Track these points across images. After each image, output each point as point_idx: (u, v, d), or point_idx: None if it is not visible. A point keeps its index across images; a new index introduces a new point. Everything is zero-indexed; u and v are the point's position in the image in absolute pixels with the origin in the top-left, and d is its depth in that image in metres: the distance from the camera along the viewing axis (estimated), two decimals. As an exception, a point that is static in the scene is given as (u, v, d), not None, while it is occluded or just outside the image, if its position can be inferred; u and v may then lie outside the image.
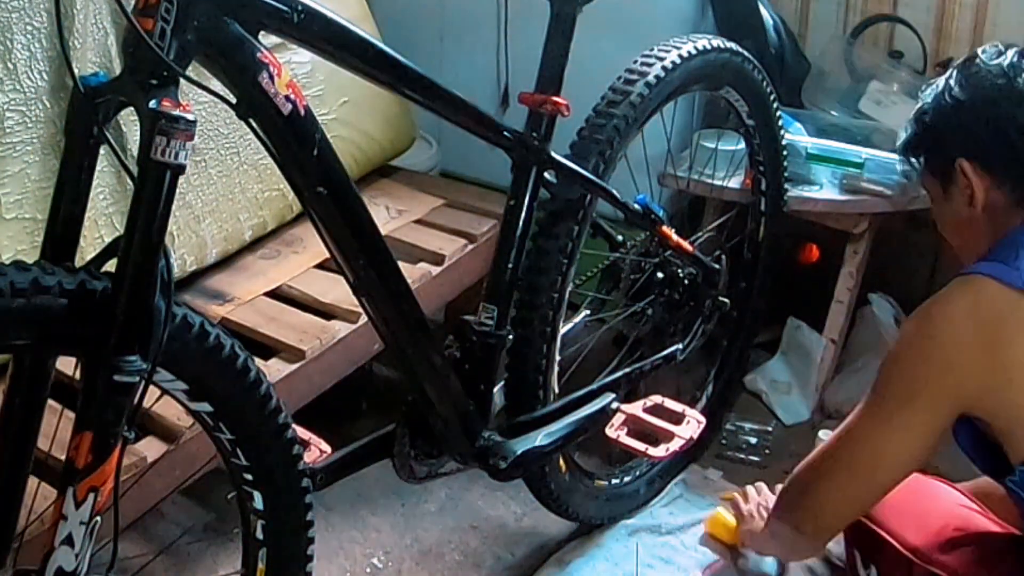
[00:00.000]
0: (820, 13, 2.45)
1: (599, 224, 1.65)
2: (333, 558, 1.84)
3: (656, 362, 1.81)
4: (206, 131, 1.78)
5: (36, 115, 1.50)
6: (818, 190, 2.12)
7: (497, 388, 1.57)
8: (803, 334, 2.32)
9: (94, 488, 0.95)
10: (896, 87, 2.21)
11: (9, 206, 1.48)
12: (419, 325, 1.33)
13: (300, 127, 1.08)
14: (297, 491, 1.21)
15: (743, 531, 1.74)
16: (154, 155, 0.90)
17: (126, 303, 0.93)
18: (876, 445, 1.22)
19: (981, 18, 2.27)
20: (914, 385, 1.20)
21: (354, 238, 1.21)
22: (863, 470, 1.25)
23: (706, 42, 1.69)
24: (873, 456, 1.23)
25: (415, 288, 1.41)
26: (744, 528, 1.73)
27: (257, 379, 1.11)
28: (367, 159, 2.21)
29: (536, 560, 1.88)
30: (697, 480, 2.08)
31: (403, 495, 2.00)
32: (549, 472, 1.71)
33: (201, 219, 1.79)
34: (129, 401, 0.95)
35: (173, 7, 0.92)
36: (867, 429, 1.23)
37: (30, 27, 1.48)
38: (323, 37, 1.11)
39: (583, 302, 1.81)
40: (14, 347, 0.95)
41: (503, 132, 1.44)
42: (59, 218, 1.01)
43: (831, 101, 2.28)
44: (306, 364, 1.69)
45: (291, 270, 1.91)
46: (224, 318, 1.74)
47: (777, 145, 1.97)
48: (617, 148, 1.56)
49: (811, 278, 2.31)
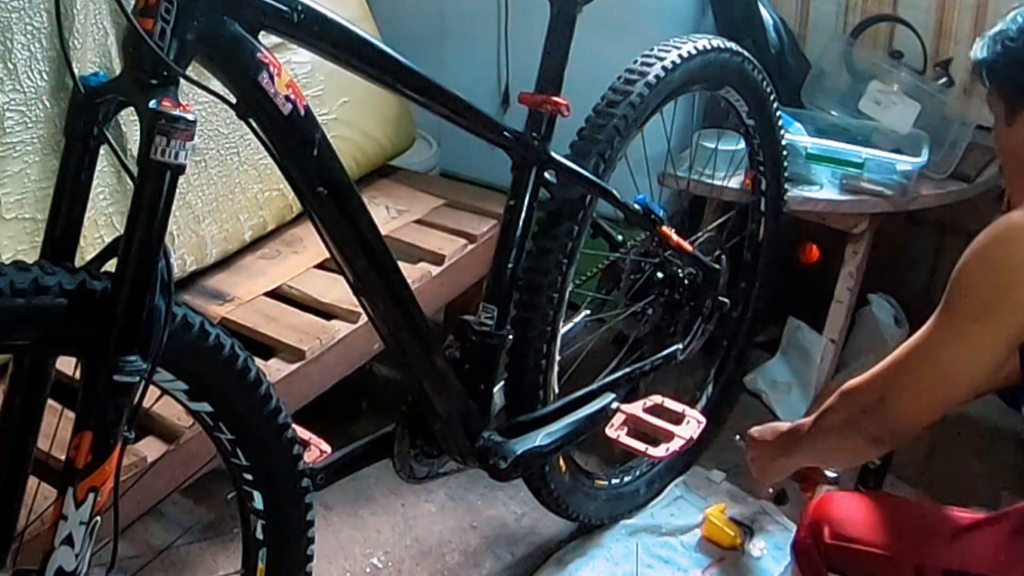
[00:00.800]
0: (820, 13, 2.45)
1: (599, 224, 1.65)
2: (333, 558, 1.84)
3: (656, 362, 1.81)
4: (206, 131, 1.78)
5: (36, 115, 1.50)
6: (818, 190, 2.12)
7: (497, 388, 1.57)
8: (803, 334, 2.32)
9: (94, 488, 0.95)
10: (896, 87, 2.21)
11: (9, 206, 1.48)
12: (419, 325, 1.33)
13: (300, 127, 1.08)
14: (297, 491, 1.21)
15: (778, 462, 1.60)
16: (154, 155, 0.90)
17: (126, 303, 0.93)
18: (949, 358, 1.23)
19: (981, 18, 2.27)
20: (987, 301, 1.19)
21: (354, 238, 1.21)
22: (938, 380, 1.25)
23: (706, 42, 1.69)
24: (947, 368, 1.23)
25: (415, 288, 1.41)
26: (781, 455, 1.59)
27: (257, 379, 1.11)
28: (367, 159, 2.21)
29: (536, 560, 1.88)
30: (698, 481, 2.08)
31: (403, 495, 2.00)
32: (549, 472, 1.71)
33: (201, 219, 1.79)
34: (129, 401, 0.95)
35: (173, 7, 0.92)
36: (939, 343, 1.24)
37: (30, 27, 1.48)
38: (323, 37, 1.11)
39: (583, 302, 1.81)
40: (14, 347, 0.95)
41: (503, 132, 1.44)
42: (59, 218, 1.01)
43: (831, 101, 2.28)
44: (306, 364, 1.69)
45: (291, 270, 1.91)
46: (224, 318, 1.74)
47: (777, 145, 1.97)
48: (617, 148, 1.56)
49: (811, 278, 2.32)
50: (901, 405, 1.27)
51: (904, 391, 1.27)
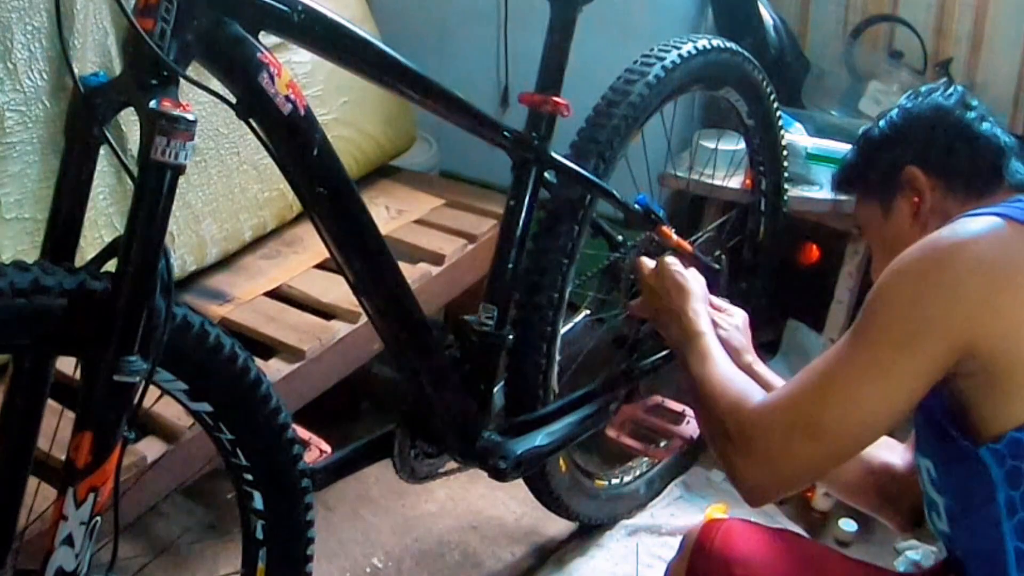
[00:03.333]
0: (820, 13, 2.45)
1: (599, 224, 1.65)
2: (333, 558, 1.84)
3: (656, 362, 1.81)
4: (206, 131, 1.78)
5: (36, 115, 1.50)
6: (818, 190, 2.12)
7: (497, 388, 1.57)
8: (803, 334, 2.32)
9: (94, 488, 0.95)
10: (896, 87, 2.21)
11: (9, 206, 1.48)
12: (419, 325, 1.33)
13: (300, 127, 1.08)
14: (297, 491, 1.21)
15: None
16: (154, 155, 0.91)
17: (126, 303, 0.93)
18: (867, 395, 1.03)
19: (981, 18, 2.28)
20: (918, 323, 1.01)
21: (354, 238, 1.21)
22: (852, 423, 1.05)
23: (706, 42, 1.69)
24: (865, 408, 1.04)
25: (415, 288, 1.41)
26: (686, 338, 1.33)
27: (257, 379, 1.11)
28: (367, 159, 2.21)
29: (536, 560, 1.88)
30: (698, 481, 2.08)
31: (403, 495, 2.00)
32: (549, 472, 1.71)
33: (201, 219, 1.79)
34: (129, 401, 0.95)
35: (173, 7, 0.92)
36: (847, 381, 1.04)
37: (30, 27, 1.48)
38: (323, 37, 1.11)
39: (583, 302, 1.81)
40: (14, 347, 0.95)
41: (503, 132, 1.44)
42: (59, 218, 1.01)
43: (831, 101, 2.29)
44: (306, 364, 1.69)
45: (291, 270, 1.91)
46: (224, 318, 1.74)
47: (777, 145, 1.97)
48: (617, 148, 1.56)
49: (811, 278, 2.32)
50: (799, 452, 1.05)
51: (806, 435, 1.05)
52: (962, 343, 1.00)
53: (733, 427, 1.11)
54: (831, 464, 1.10)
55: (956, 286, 1.01)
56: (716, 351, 1.28)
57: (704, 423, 1.23)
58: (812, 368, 1.09)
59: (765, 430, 1.08)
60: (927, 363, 1.01)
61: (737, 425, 1.11)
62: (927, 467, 1.13)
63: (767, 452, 1.08)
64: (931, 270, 1.02)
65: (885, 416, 1.04)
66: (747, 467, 1.09)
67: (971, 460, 1.03)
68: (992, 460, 1.01)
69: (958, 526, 1.10)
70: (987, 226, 1.03)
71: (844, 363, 1.05)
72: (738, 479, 1.11)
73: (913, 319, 1.02)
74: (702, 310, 1.39)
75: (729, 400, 1.15)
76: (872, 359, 1.03)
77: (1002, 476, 1.01)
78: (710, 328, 1.34)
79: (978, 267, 1.01)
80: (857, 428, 1.05)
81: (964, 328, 1.00)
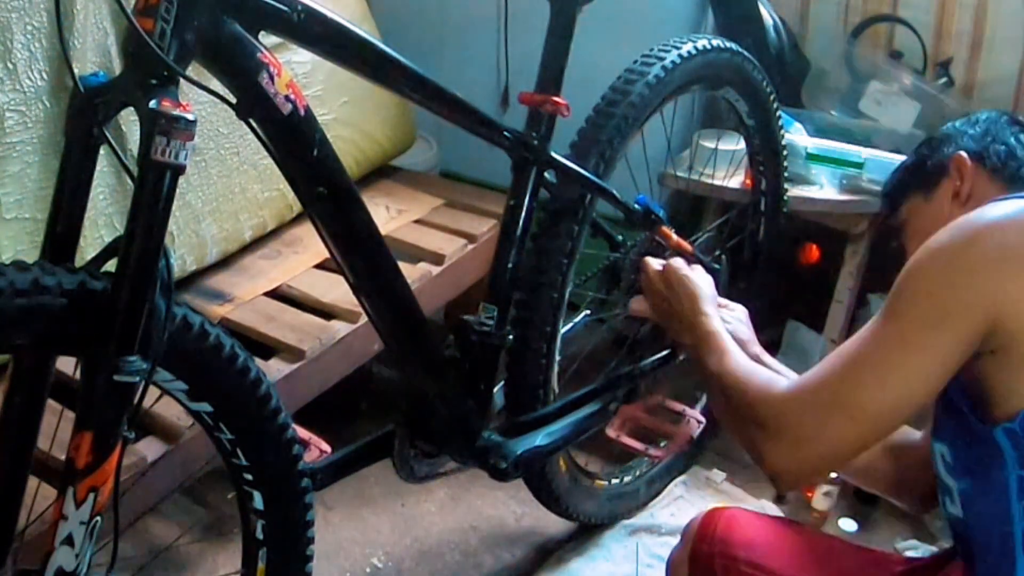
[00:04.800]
0: (820, 13, 2.45)
1: (599, 224, 1.65)
2: (333, 558, 1.84)
3: (656, 362, 1.81)
4: (206, 131, 1.78)
5: (36, 115, 1.50)
6: (818, 190, 2.12)
7: (497, 388, 1.57)
8: (803, 335, 2.32)
9: (94, 488, 0.95)
10: (896, 87, 2.21)
11: (9, 206, 1.48)
12: (419, 325, 1.33)
13: (300, 127, 1.08)
14: (297, 491, 1.21)
15: None
16: (154, 155, 0.90)
17: (126, 303, 0.93)
18: (898, 377, 1.05)
19: (981, 18, 2.28)
20: (949, 301, 1.03)
21: (354, 238, 1.21)
22: (883, 403, 1.06)
23: (706, 42, 1.69)
24: (897, 388, 1.05)
25: (415, 288, 1.41)
26: None
27: (257, 379, 1.11)
28: (367, 159, 2.21)
29: (536, 560, 1.88)
30: (698, 481, 2.08)
31: (403, 495, 2.00)
32: (549, 472, 1.71)
33: (201, 219, 1.79)
34: (129, 401, 0.95)
35: (173, 7, 0.92)
36: (881, 359, 1.06)
37: (30, 27, 1.48)
38: (323, 37, 1.11)
39: (583, 302, 1.81)
40: (14, 347, 0.95)
41: (503, 132, 1.44)
42: (59, 218, 1.01)
43: (831, 101, 2.29)
44: (306, 364, 1.69)
45: (291, 270, 1.91)
46: (224, 318, 1.74)
47: (777, 145, 1.97)
48: (617, 148, 1.56)
49: (811, 278, 2.31)
50: (833, 433, 1.07)
51: (843, 415, 1.06)
52: (991, 319, 1.02)
53: (765, 412, 1.13)
54: (866, 444, 1.11)
55: (984, 265, 1.03)
56: (732, 346, 1.31)
57: (730, 415, 1.25)
58: (843, 350, 1.11)
59: (799, 413, 1.10)
60: (958, 340, 1.03)
61: (770, 410, 1.13)
62: (942, 452, 1.15)
63: (802, 434, 1.09)
64: (960, 250, 1.05)
65: (920, 393, 1.05)
66: (780, 451, 1.10)
67: (986, 443, 1.05)
68: (1007, 441, 1.03)
69: (970, 511, 1.12)
70: (1015, 209, 1.06)
71: (877, 342, 1.08)
72: (770, 463, 1.12)
73: (944, 297, 1.04)
74: (712, 310, 1.42)
75: (757, 388, 1.18)
76: (906, 337, 1.05)
77: (1015, 458, 1.03)
78: (721, 325, 1.38)
79: (1004, 247, 1.03)
80: (892, 406, 1.06)
81: (991, 306, 1.02)
